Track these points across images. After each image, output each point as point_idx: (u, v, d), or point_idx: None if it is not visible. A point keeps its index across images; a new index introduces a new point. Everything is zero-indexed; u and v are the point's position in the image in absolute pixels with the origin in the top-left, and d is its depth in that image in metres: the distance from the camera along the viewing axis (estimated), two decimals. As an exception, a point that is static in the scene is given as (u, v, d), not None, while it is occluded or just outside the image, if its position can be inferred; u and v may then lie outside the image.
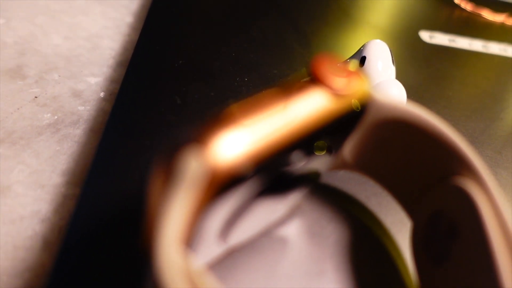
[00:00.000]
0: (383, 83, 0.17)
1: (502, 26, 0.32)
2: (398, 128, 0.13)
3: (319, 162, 0.12)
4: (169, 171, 0.09)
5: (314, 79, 0.10)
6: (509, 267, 0.11)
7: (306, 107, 0.10)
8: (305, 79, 0.11)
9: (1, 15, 0.24)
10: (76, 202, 0.15)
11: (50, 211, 0.16)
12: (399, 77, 0.23)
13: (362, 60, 0.18)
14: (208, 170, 0.08)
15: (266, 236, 0.14)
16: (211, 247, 0.12)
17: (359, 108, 0.11)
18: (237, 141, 0.09)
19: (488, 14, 0.33)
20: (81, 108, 0.20)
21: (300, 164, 0.11)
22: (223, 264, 0.13)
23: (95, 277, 0.13)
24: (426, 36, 0.28)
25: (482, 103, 0.24)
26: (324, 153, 0.12)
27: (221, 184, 0.09)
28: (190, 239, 0.10)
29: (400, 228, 0.15)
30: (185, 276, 0.08)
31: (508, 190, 0.17)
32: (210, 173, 0.08)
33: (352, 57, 0.19)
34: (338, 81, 0.10)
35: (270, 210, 0.13)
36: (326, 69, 0.11)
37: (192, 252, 0.10)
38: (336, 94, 0.11)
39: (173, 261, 0.08)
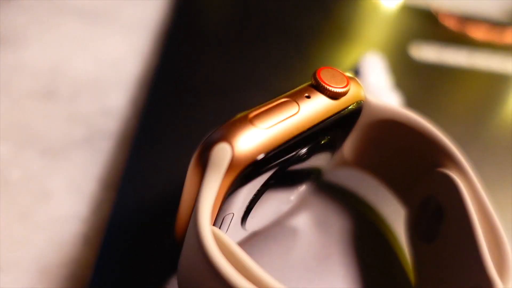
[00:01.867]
0: (377, 91, 0.19)
1: (485, 42, 0.34)
2: (390, 127, 0.16)
3: (321, 159, 0.15)
4: (201, 162, 0.11)
5: (318, 85, 0.13)
6: (488, 243, 0.13)
7: (311, 109, 0.12)
8: (310, 85, 0.13)
9: (33, 43, 0.27)
10: (112, 203, 0.18)
11: (89, 213, 0.18)
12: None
13: (357, 73, 0.20)
14: (231, 160, 0.11)
15: (279, 226, 0.16)
16: (233, 232, 0.14)
17: (356, 108, 0.14)
18: (254, 137, 0.11)
19: (472, 31, 0.36)
20: (110, 124, 0.22)
21: (307, 159, 0.13)
22: (243, 249, 0.15)
23: (133, 267, 0.15)
24: (414, 51, 0.30)
25: (468, 112, 0.26)
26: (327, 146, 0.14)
27: (241, 171, 0.11)
28: (215, 221, 0.12)
29: (395, 217, 0.17)
30: (221, 249, 0.10)
31: (490, 183, 0.19)
32: (233, 162, 0.11)
33: (351, 70, 0.21)
34: (338, 86, 0.13)
35: (284, 200, 0.15)
36: (328, 76, 0.13)
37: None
38: (335, 97, 0.13)
39: (211, 238, 0.10)
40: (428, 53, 0.30)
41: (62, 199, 0.19)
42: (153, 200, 0.17)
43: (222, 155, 0.10)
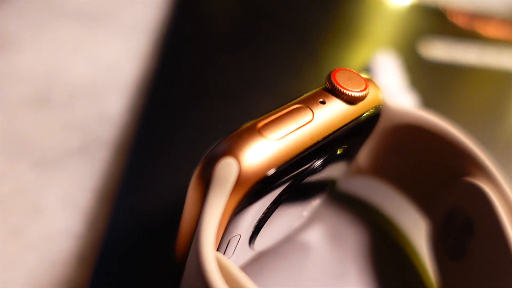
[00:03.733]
0: (391, 91, 0.18)
1: (496, 38, 0.33)
2: (410, 133, 0.14)
3: (337, 169, 0.13)
4: (204, 179, 0.10)
5: (334, 89, 0.11)
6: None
7: (327, 116, 0.11)
8: (324, 89, 0.12)
9: (28, 48, 0.25)
10: (108, 218, 0.16)
11: (84, 228, 0.17)
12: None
13: (368, 73, 0.19)
14: (238, 176, 0.09)
15: (289, 242, 0.15)
16: (240, 253, 0.12)
17: (374, 114, 0.12)
18: (263, 150, 0.10)
19: (482, 28, 0.34)
20: (107, 131, 0.21)
21: (322, 170, 0.12)
22: (250, 269, 0.14)
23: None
24: (424, 50, 0.29)
25: (484, 112, 0.24)
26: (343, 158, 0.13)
27: (250, 189, 0.10)
28: (220, 244, 0.11)
29: (415, 230, 0.16)
30: (226, 279, 0.09)
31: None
32: (240, 179, 0.09)
33: (362, 70, 0.20)
34: (356, 89, 0.11)
35: (296, 216, 0.14)
36: (344, 79, 0.12)
37: (224, 255, 0.11)
38: (353, 102, 0.11)
39: (214, 265, 0.09)
40: (438, 51, 0.29)
41: (55, 214, 0.17)
42: (152, 215, 0.16)
43: (228, 171, 0.09)
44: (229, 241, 0.11)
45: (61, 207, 0.18)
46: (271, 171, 0.10)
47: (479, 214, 0.13)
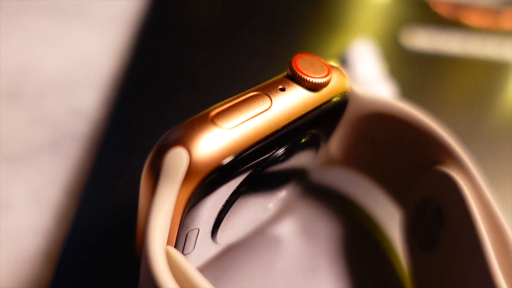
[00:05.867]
0: (367, 81, 0.18)
1: (480, 27, 0.32)
2: (381, 121, 0.14)
3: (304, 158, 0.13)
4: (153, 170, 0.09)
5: (294, 75, 0.11)
6: (496, 250, 0.12)
7: (287, 103, 0.10)
8: (285, 76, 0.11)
9: (0, 41, 0.25)
10: (74, 214, 0.16)
11: (52, 225, 0.17)
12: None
13: (344, 63, 0.18)
14: (188, 167, 0.09)
15: (260, 235, 0.15)
16: (203, 248, 0.12)
17: (340, 101, 0.12)
18: (216, 139, 0.09)
19: (466, 17, 0.34)
20: (79, 126, 0.21)
21: (285, 159, 0.11)
22: (218, 263, 0.14)
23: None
24: (406, 39, 0.28)
25: (465, 102, 0.24)
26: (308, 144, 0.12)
27: (202, 180, 0.09)
28: (178, 239, 0.10)
29: (389, 221, 0.16)
30: (176, 275, 0.09)
31: (494, 181, 0.18)
32: (190, 169, 0.09)
33: (338, 59, 0.20)
34: (317, 75, 0.11)
35: (260, 209, 0.13)
36: (306, 65, 0.11)
37: (181, 252, 0.11)
38: (315, 88, 0.11)
39: (162, 261, 0.08)
40: (421, 41, 0.28)
41: (23, 210, 0.17)
42: (120, 210, 0.16)
43: (177, 161, 0.09)
44: (186, 235, 0.10)
45: (29, 204, 0.17)
46: (225, 161, 0.09)
47: (450, 204, 0.13)
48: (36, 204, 0.17)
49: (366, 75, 0.19)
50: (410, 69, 0.26)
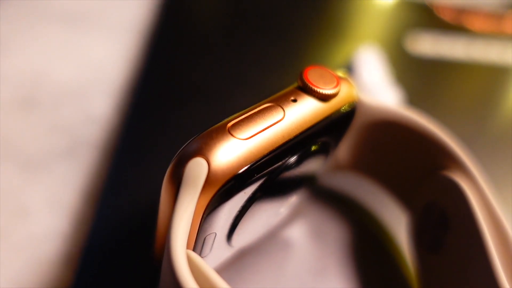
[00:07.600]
0: (373, 88, 0.18)
1: (484, 32, 0.33)
2: (387, 129, 0.14)
3: (314, 165, 0.13)
4: (175, 179, 0.10)
5: (305, 87, 0.11)
6: (499, 253, 0.12)
7: (298, 114, 0.11)
8: (296, 87, 0.12)
9: (15, 50, 0.26)
10: (93, 218, 0.17)
11: (71, 229, 0.17)
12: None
13: (350, 70, 0.19)
14: (207, 176, 0.09)
15: (271, 239, 0.15)
16: (218, 250, 0.13)
17: (348, 111, 0.12)
18: (233, 150, 0.10)
19: (469, 22, 0.34)
20: (94, 133, 0.21)
21: (297, 166, 0.12)
22: (231, 267, 0.14)
23: None
24: (411, 45, 0.29)
25: (470, 107, 0.24)
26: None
27: (220, 188, 0.10)
28: (196, 243, 0.11)
29: (396, 224, 0.16)
30: (196, 276, 0.09)
31: (498, 185, 0.18)
32: (209, 178, 0.09)
33: (344, 67, 0.20)
34: (327, 87, 0.12)
35: (273, 213, 0.14)
36: (316, 76, 0.12)
37: (199, 254, 0.11)
38: (325, 99, 0.12)
39: (184, 264, 0.09)
40: (425, 46, 0.29)
41: (42, 215, 0.18)
42: (136, 215, 0.16)
43: (198, 171, 0.09)
44: (204, 239, 0.11)
45: (47, 209, 0.18)
46: (241, 170, 0.10)
47: (454, 209, 0.13)
48: (55, 209, 0.18)
49: (372, 82, 0.20)
50: (414, 74, 0.26)
